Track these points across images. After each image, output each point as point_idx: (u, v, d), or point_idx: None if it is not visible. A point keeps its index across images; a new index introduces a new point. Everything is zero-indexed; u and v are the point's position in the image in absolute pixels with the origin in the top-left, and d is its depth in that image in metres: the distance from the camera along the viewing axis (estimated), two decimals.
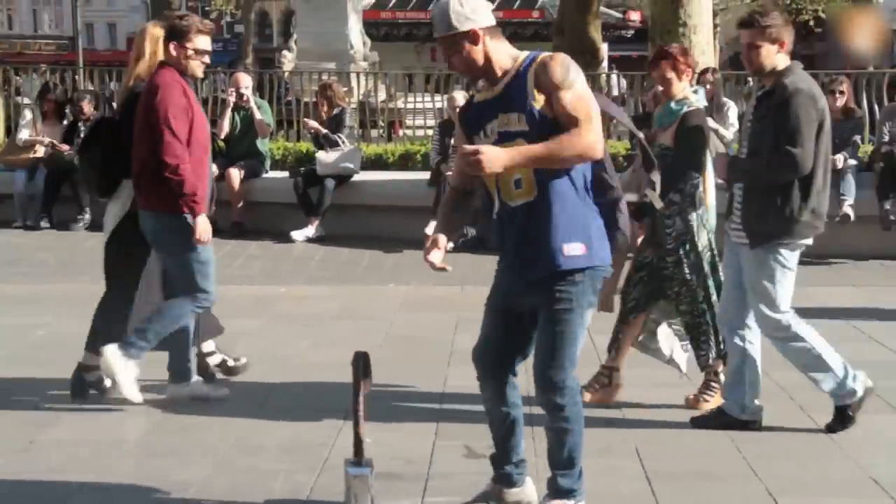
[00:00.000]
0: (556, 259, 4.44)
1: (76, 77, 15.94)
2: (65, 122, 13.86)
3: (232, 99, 12.94)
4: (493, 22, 4.51)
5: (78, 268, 11.06)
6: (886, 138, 11.54)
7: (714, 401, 6.29)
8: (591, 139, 4.37)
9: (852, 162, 11.31)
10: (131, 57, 6.71)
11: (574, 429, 4.61)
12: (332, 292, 9.99)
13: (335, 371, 6.28)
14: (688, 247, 6.32)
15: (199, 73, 6.42)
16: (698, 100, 6.57)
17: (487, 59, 4.49)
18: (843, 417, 5.92)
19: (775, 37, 5.64)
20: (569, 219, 4.45)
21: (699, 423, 6.08)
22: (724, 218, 6.06)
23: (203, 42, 6.28)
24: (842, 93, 11.61)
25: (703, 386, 6.46)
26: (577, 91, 4.40)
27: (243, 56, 44.92)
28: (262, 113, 12.96)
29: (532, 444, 5.00)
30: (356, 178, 12.74)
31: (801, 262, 5.87)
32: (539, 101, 4.41)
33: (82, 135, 13.16)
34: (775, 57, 5.67)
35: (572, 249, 4.44)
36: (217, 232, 12.38)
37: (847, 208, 10.98)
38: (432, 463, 5.24)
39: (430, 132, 14.14)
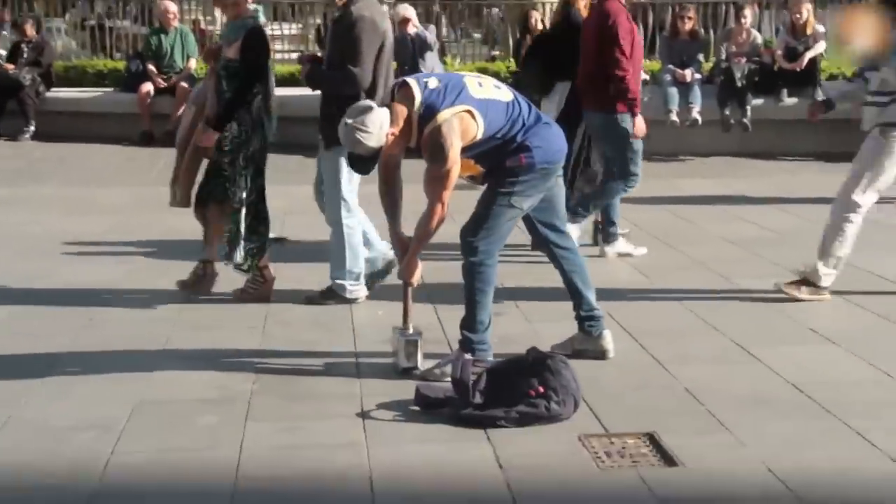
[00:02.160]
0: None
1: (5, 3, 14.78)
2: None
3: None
4: (389, 122, 4.38)
5: (35, 174, 10.46)
6: (724, 56, 11.70)
7: (260, 291, 5.92)
8: (436, 216, 4.42)
9: (698, 76, 11.40)
10: None
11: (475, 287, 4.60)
12: None
13: None
14: (241, 150, 5.73)
15: None
16: (260, 18, 5.98)
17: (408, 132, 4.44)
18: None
19: None
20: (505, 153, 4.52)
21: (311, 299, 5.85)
22: None
23: None
24: (690, 18, 11.64)
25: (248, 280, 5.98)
26: (431, 171, 4.41)
27: None
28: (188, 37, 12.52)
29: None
30: None
31: (659, 160, 5.85)
32: None
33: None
34: None
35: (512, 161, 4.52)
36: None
37: (695, 114, 11.09)
38: (445, 330, 5.15)
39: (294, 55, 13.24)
